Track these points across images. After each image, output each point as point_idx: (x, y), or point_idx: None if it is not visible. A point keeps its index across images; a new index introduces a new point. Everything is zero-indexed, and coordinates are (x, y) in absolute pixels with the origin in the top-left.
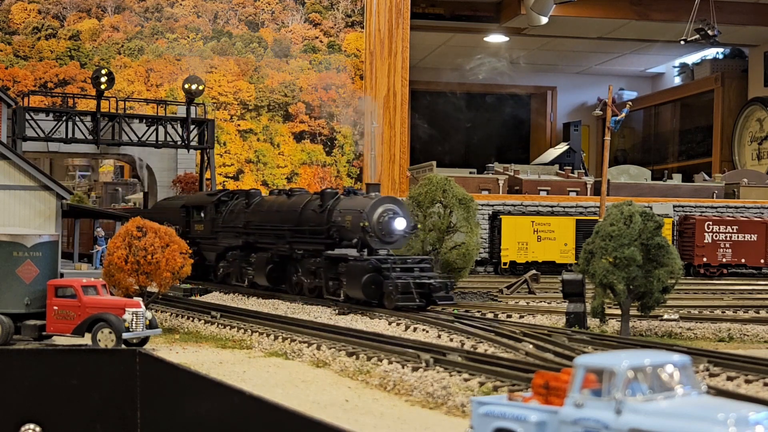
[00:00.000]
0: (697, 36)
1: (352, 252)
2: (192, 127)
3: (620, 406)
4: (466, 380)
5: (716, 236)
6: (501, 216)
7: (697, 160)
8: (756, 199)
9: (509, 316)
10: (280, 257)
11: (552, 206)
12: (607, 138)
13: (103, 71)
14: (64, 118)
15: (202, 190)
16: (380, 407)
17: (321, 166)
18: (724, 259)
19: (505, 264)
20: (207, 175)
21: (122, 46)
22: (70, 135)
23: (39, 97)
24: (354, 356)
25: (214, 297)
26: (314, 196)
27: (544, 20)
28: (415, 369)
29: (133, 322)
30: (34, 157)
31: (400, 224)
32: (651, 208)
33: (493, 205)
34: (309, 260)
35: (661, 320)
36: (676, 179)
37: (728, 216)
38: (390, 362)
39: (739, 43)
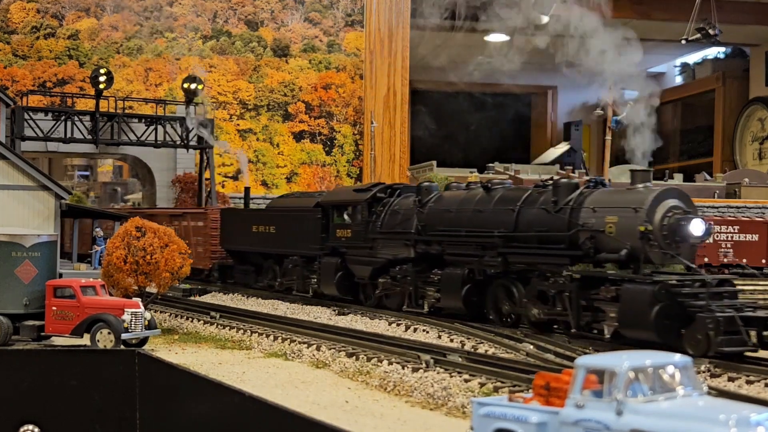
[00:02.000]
0: (698, 35)
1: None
2: (191, 126)
3: (621, 407)
4: (466, 381)
5: (717, 236)
6: None
7: (699, 160)
8: (757, 198)
9: None
10: (483, 274)
11: None
12: (608, 137)
13: (102, 71)
14: (62, 118)
15: (201, 190)
16: (380, 408)
17: (321, 166)
18: (725, 259)
19: None
20: (206, 174)
21: (121, 45)
22: (68, 135)
23: (38, 97)
24: (354, 357)
25: (214, 297)
26: (536, 189)
27: (545, 19)
28: (415, 370)
29: (132, 323)
30: (33, 157)
31: (696, 228)
32: None
33: None
34: (539, 280)
35: None
36: (677, 179)
37: (729, 216)
38: (390, 363)
39: (740, 42)
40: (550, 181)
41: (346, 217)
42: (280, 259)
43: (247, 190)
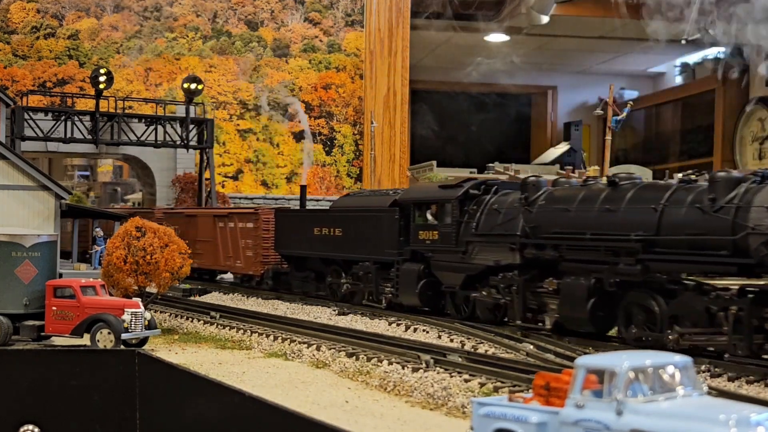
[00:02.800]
0: (698, 35)
1: None
2: (191, 126)
3: (621, 407)
4: (466, 381)
5: None
6: None
7: (699, 160)
8: None
9: None
10: (616, 285)
11: None
12: (608, 137)
13: (102, 71)
14: (62, 118)
15: (201, 190)
16: (380, 408)
17: (321, 166)
18: None
19: None
20: (206, 174)
21: (121, 45)
22: (68, 135)
23: (38, 97)
24: (354, 357)
25: (214, 297)
26: (681, 185)
27: (545, 19)
28: (415, 370)
29: (132, 323)
30: (33, 157)
31: None
32: None
33: None
34: (692, 294)
35: None
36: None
37: None
38: (390, 363)
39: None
40: (697, 176)
41: (430, 217)
42: (348, 266)
43: (303, 188)
